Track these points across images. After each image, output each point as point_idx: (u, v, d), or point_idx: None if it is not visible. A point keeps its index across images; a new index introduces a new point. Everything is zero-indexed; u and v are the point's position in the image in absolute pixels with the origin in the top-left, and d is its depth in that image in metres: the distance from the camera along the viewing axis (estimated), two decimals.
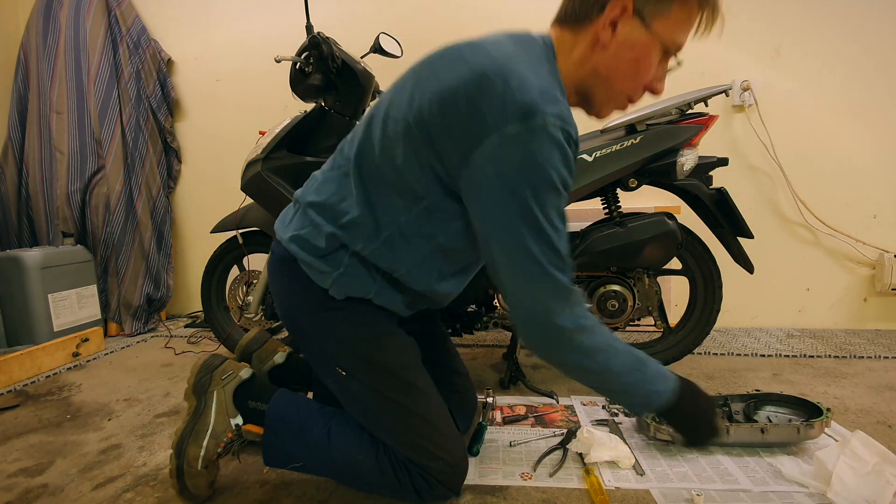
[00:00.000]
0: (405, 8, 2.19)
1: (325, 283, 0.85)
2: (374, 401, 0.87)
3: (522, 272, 0.72)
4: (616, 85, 0.76)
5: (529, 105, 0.64)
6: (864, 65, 1.91)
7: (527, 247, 0.69)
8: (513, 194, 0.67)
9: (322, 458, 0.91)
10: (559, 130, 0.66)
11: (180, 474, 0.92)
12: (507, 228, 0.70)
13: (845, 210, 1.96)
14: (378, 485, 0.89)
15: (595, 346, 0.76)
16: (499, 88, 0.65)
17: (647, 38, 0.71)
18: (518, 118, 0.64)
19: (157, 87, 2.37)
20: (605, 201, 1.44)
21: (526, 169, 0.66)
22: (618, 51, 0.72)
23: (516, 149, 0.65)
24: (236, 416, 0.98)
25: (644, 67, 0.74)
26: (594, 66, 0.75)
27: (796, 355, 1.72)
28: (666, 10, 0.70)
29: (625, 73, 0.74)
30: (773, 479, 0.95)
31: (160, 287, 2.37)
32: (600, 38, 0.72)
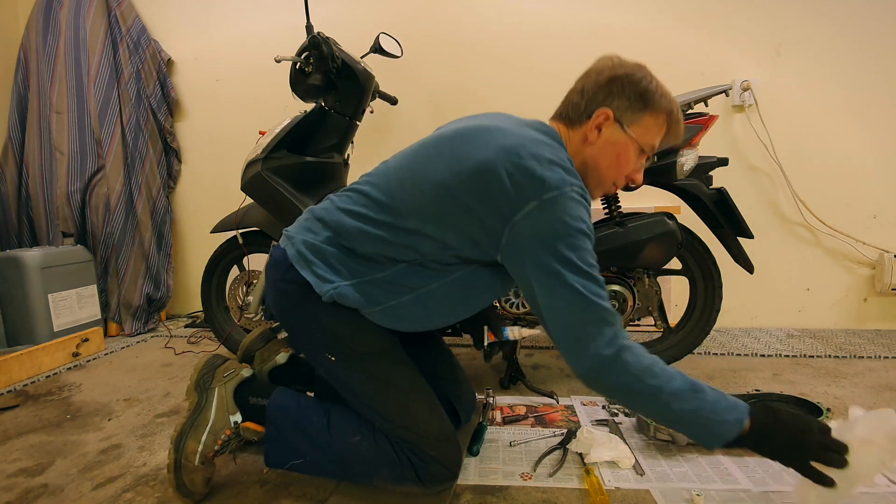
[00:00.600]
0: (405, 8, 2.19)
1: (321, 289, 0.90)
2: (363, 382, 0.94)
3: (567, 305, 0.79)
4: (602, 173, 0.92)
5: (559, 179, 0.79)
6: (864, 65, 1.91)
7: (567, 282, 0.78)
8: (550, 245, 0.79)
9: (323, 447, 0.93)
10: (580, 195, 0.81)
11: (178, 469, 0.93)
12: (550, 272, 0.79)
13: (845, 210, 1.96)
14: (378, 464, 0.91)
15: (643, 367, 0.77)
16: (535, 166, 0.80)
17: (625, 139, 0.89)
18: (552, 188, 0.78)
19: (157, 87, 2.37)
20: (605, 201, 1.44)
21: (560, 223, 0.79)
22: (603, 147, 0.90)
23: (552, 210, 0.78)
24: (236, 414, 1.00)
25: (624, 161, 0.91)
26: (584, 157, 0.91)
27: (796, 355, 1.72)
28: (639, 119, 0.89)
29: (609, 165, 0.92)
30: (773, 479, 0.95)
31: (160, 287, 2.37)
32: (588, 137, 0.90)
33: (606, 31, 2.03)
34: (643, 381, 0.77)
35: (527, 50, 2.09)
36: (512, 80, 2.11)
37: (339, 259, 0.92)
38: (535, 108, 2.10)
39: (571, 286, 0.78)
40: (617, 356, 0.77)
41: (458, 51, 2.15)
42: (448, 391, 1.09)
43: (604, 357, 0.77)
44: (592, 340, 0.78)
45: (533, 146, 0.82)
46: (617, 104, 0.88)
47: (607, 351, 0.77)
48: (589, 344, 0.78)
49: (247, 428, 0.99)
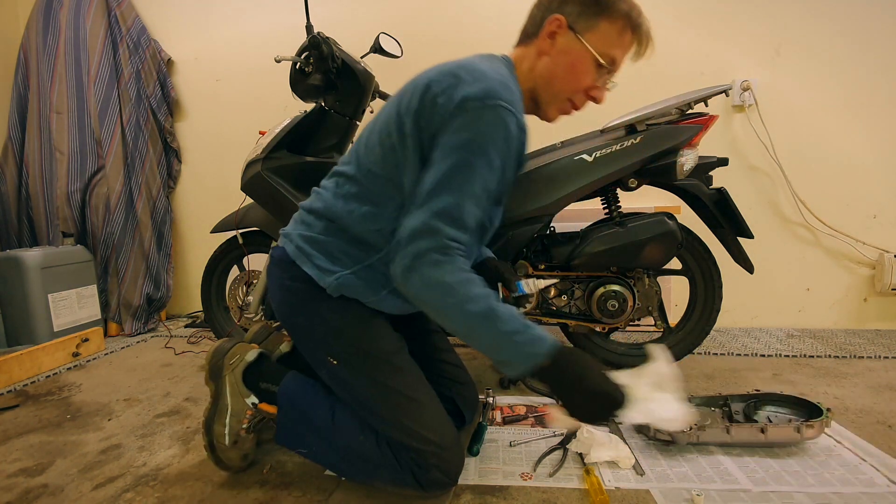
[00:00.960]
0: (405, 8, 2.19)
1: (324, 281, 0.90)
2: (365, 387, 0.93)
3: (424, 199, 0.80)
4: (555, 85, 0.90)
5: (489, 90, 0.79)
6: (864, 65, 1.91)
7: (445, 180, 0.79)
8: (456, 146, 0.79)
9: (327, 440, 0.94)
10: (511, 116, 0.80)
11: (212, 449, 1.01)
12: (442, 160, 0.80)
13: (845, 210, 1.96)
14: (379, 466, 0.91)
15: (446, 283, 0.78)
16: (468, 80, 0.80)
17: (579, 48, 0.86)
18: (480, 97, 0.78)
19: (157, 87, 2.37)
20: (605, 201, 1.44)
21: (475, 132, 0.78)
22: (556, 57, 0.88)
23: (471, 119, 0.78)
24: (250, 396, 1.04)
25: (579, 73, 0.88)
26: (539, 71, 0.90)
27: (796, 355, 1.72)
28: (594, 25, 0.86)
29: (562, 76, 0.89)
30: (773, 479, 0.95)
31: (160, 287, 2.37)
32: (542, 48, 0.88)
33: None
34: (440, 295, 0.79)
35: None
36: None
37: (339, 247, 0.92)
38: None
39: (439, 187, 0.79)
40: (418, 266, 0.78)
41: (458, 51, 2.12)
42: (454, 392, 1.09)
43: (403, 263, 0.79)
44: (415, 245, 0.78)
45: (468, 64, 0.83)
46: (570, 9, 0.86)
47: (413, 261, 0.78)
48: (411, 245, 0.79)
49: (263, 409, 1.02)
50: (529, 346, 0.77)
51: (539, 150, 1.47)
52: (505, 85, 0.82)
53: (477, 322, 0.78)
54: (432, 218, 0.79)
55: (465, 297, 0.78)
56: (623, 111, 1.37)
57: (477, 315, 0.78)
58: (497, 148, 0.80)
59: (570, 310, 1.45)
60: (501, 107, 0.79)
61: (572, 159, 1.32)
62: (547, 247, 1.42)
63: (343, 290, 0.91)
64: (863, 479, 0.95)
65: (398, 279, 0.82)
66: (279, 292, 0.99)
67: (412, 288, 0.81)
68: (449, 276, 0.78)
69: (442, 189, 0.80)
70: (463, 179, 0.80)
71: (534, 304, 1.44)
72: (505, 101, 0.79)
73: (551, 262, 1.41)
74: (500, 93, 0.80)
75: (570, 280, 1.44)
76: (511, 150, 0.83)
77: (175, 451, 1.17)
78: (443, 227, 0.79)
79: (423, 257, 0.78)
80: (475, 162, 0.80)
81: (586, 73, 0.89)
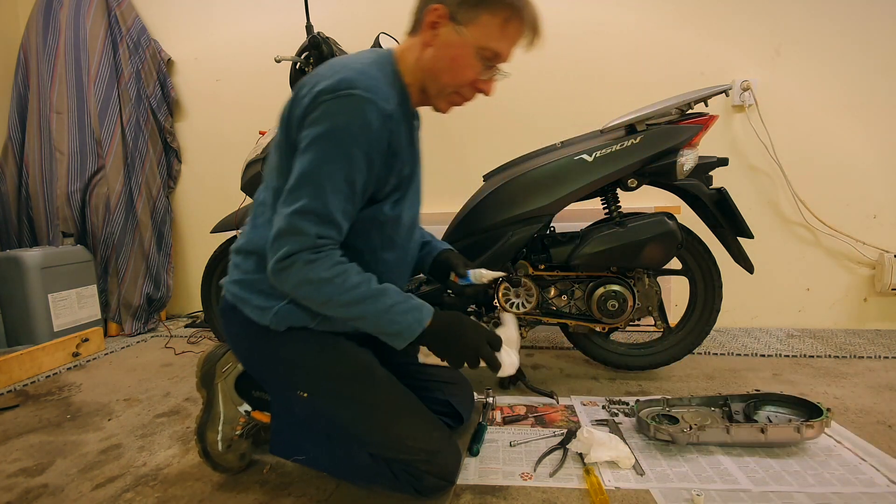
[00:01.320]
0: (405, 8, 2.19)
1: (265, 319, 0.89)
2: (341, 412, 0.90)
3: (287, 200, 0.80)
4: (440, 79, 0.88)
5: (347, 80, 0.78)
6: (864, 65, 1.91)
7: (303, 175, 0.79)
8: (312, 142, 0.79)
9: (323, 449, 0.93)
10: (369, 103, 0.78)
11: (207, 455, 1.01)
12: (301, 160, 0.80)
13: (845, 210, 1.96)
14: (377, 476, 0.90)
15: (322, 278, 0.80)
16: (327, 74, 0.81)
17: (461, 41, 0.84)
18: (333, 89, 0.78)
19: (157, 87, 2.37)
20: (605, 201, 1.44)
21: (329, 124, 0.78)
22: (439, 50, 0.86)
23: (327, 111, 0.78)
24: (242, 404, 1.04)
25: (462, 66, 0.86)
26: (424, 63, 0.88)
27: (796, 355, 1.72)
28: (475, 18, 0.83)
29: (446, 69, 0.87)
30: (773, 479, 0.95)
31: (160, 287, 2.37)
32: (425, 39, 0.86)
33: (606, 30, 2.03)
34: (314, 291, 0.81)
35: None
36: (511, 79, 2.10)
37: (268, 281, 0.89)
38: (535, 107, 2.11)
39: (299, 186, 0.79)
40: (290, 267, 0.79)
41: None
42: (447, 393, 1.09)
43: (276, 266, 0.80)
44: (282, 247, 0.79)
45: (336, 60, 0.84)
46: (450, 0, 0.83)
47: (283, 263, 0.79)
48: (280, 248, 0.79)
49: (256, 418, 1.02)
50: (413, 314, 0.84)
51: (539, 150, 1.47)
52: (364, 73, 0.81)
53: (361, 306, 0.82)
54: (296, 218, 0.79)
55: (343, 287, 0.80)
56: (623, 111, 1.37)
57: (359, 300, 0.81)
58: (354, 138, 0.79)
59: (570, 310, 1.45)
60: (355, 96, 0.78)
61: (572, 159, 1.32)
62: (547, 247, 1.42)
63: (286, 322, 0.89)
64: (863, 479, 0.95)
65: (273, 280, 0.83)
66: (232, 343, 0.98)
67: (288, 287, 0.82)
68: (324, 272, 0.80)
69: (301, 186, 0.79)
70: (322, 174, 0.79)
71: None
72: (360, 90, 0.78)
73: (551, 262, 1.41)
74: (354, 82, 0.78)
75: (570, 280, 1.44)
76: (374, 138, 0.80)
77: (175, 451, 1.17)
78: (308, 227, 0.79)
79: (294, 258, 0.79)
80: (332, 154, 0.78)
81: (469, 67, 0.86)
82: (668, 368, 1.60)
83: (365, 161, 0.81)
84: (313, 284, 0.80)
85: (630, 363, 1.53)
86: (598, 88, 2.05)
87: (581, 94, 2.06)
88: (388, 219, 0.92)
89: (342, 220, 0.82)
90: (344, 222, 0.83)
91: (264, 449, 1.13)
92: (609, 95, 2.03)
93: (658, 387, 1.46)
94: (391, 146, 0.85)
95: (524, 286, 1.43)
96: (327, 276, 0.80)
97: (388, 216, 0.91)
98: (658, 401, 1.20)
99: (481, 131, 2.16)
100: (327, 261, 0.80)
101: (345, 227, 0.84)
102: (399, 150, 0.87)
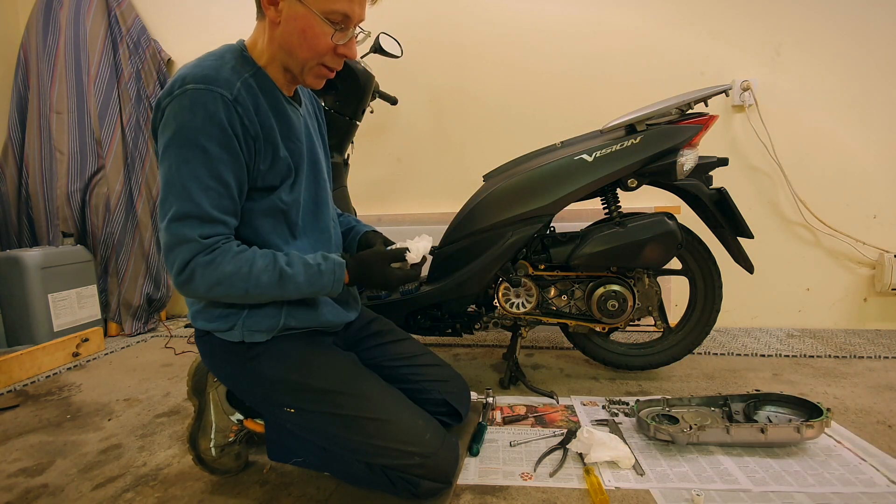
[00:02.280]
0: (405, 8, 2.19)
1: (236, 336, 0.90)
2: (329, 424, 0.89)
3: (160, 211, 0.81)
4: (297, 55, 0.86)
5: (180, 78, 0.79)
6: (864, 65, 1.91)
7: (166, 187, 0.80)
8: (165, 147, 0.80)
9: (320, 456, 0.94)
10: (206, 92, 0.78)
11: (202, 461, 1.01)
12: (161, 174, 0.81)
13: (845, 210, 1.96)
14: (374, 483, 0.90)
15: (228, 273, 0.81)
16: (171, 81, 0.81)
17: (303, 11, 0.81)
18: (169, 91, 0.79)
19: (157, 87, 2.37)
20: (605, 201, 1.44)
21: (174, 125, 0.78)
22: (286, 25, 0.83)
23: (169, 115, 0.79)
24: (234, 413, 1.04)
25: (312, 37, 0.83)
26: (278, 42, 0.86)
27: (796, 355, 1.72)
28: None
29: (299, 44, 0.84)
30: (773, 479, 0.95)
31: (160, 287, 2.37)
32: (271, 17, 0.84)
33: (606, 30, 2.03)
34: (229, 287, 0.81)
35: (526, 50, 2.09)
36: (511, 80, 2.11)
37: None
38: (534, 107, 2.11)
39: (166, 195, 0.79)
40: (192, 276, 0.80)
41: (458, 51, 2.14)
42: (442, 391, 1.09)
43: (179, 280, 0.80)
44: (175, 260, 0.79)
45: (184, 65, 0.83)
46: None
47: (183, 275, 0.80)
48: (174, 262, 0.80)
49: (248, 426, 1.01)
50: (328, 276, 0.88)
51: (539, 150, 1.47)
52: (197, 66, 0.80)
53: (280, 287, 0.84)
54: (174, 226, 0.78)
55: (252, 275, 0.81)
56: (623, 111, 1.37)
57: (276, 282, 0.83)
58: (205, 132, 0.78)
59: (570, 310, 1.45)
60: (189, 90, 0.77)
61: (572, 159, 1.32)
62: (547, 247, 1.42)
63: (256, 328, 0.90)
64: (863, 479, 0.95)
65: (185, 294, 0.84)
66: (214, 368, 0.98)
67: (200, 294, 0.82)
68: (227, 267, 0.80)
69: (168, 195, 0.79)
70: (183, 176, 0.78)
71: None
72: (193, 83, 0.78)
73: (551, 262, 1.41)
74: (185, 78, 0.78)
75: (570, 280, 1.44)
76: (225, 126, 0.79)
77: (175, 451, 1.17)
78: (189, 231, 0.78)
79: (190, 265, 0.79)
80: (186, 155, 0.78)
81: (322, 36, 0.83)
82: (668, 368, 1.60)
83: (224, 151, 0.80)
84: (223, 283, 0.80)
85: (630, 363, 1.53)
86: (598, 88, 2.05)
87: (581, 94, 2.06)
88: (289, 205, 0.91)
89: (223, 216, 0.82)
90: (227, 217, 0.83)
91: (263, 449, 1.13)
92: (609, 95, 2.03)
93: (658, 387, 1.46)
94: (250, 131, 0.83)
95: (524, 286, 1.43)
96: (232, 269, 0.80)
97: (287, 202, 0.91)
98: (658, 401, 1.20)
99: (481, 131, 2.16)
100: (225, 255, 0.80)
101: (230, 221, 0.84)
102: (261, 135, 0.85)
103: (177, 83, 0.79)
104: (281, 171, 0.89)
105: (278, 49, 0.87)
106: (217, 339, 0.92)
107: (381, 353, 1.09)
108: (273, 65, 0.90)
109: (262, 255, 0.84)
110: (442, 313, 1.50)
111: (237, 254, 0.82)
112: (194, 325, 0.95)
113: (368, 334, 1.13)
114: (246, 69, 0.86)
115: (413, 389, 1.04)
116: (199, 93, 0.77)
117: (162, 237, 0.81)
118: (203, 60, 0.83)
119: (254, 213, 0.88)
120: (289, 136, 0.91)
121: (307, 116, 1.00)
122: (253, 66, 0.88)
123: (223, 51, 0.88)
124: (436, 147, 2.21)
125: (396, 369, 1.07)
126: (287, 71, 0.90)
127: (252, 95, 0.84)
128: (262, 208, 0.89)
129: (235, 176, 0.83)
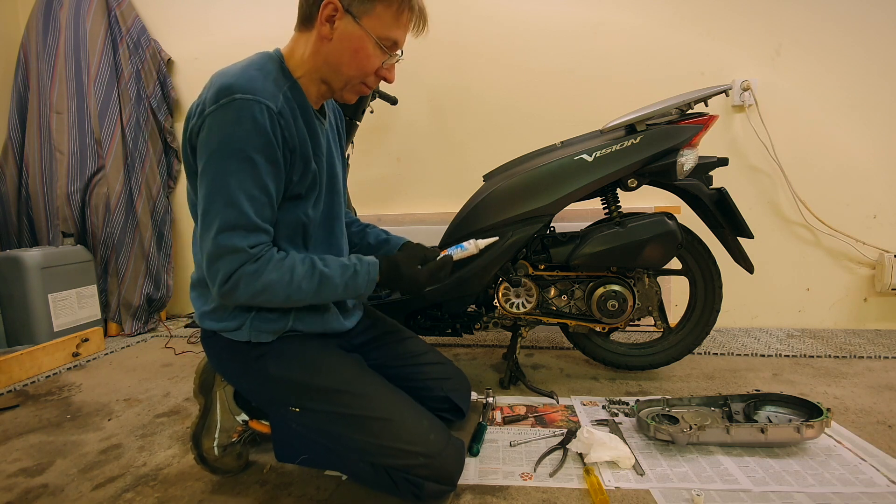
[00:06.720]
0: None
1: (244, 336, 0.91)
2: (334, 424, 0.89)
3: (202, 228, 0.82)
4: (343, 72, 0.89)
5: (226, 87, 0.79)
6: (864, 65, 1.91)
7: (211, 201, 0.80)
8: (208, 159, 0.79)
9: (326, 456, 0.93)
10: (253, 103, 0.78)
11: (203, 461, 1.01)
12: (203, 185, 0.81)
13: (845, 210, 1.96)
14: (378, 484, 0.90)
15: (272, 281, 0.83)
16: (207, 88, 0.82)
17: (359, 33, 0.85)
18: (215, 99, 0.79)
19: (157, 87, 2.37)
20: (605, 201, 1.44)
21: (214, 137, 0.78)
22: (339, 43, 0.86)
23: (213, 124, 0.78)
24: (240, 414, 1.04)
25: (363, 58, 0.87)
26: (324, 56, 0.88)
27: (796, 355, 1.72)
28: (370, 9, 0.85)
29: (348, 63, 0.88)
30: (773, 479, 0.95)
31: (160, 287, 2.37)
32: (323, 33, 0.86)
33: (606, 30, 2.03)
34: (272, 295, 0.84)
35: (526, 50, 2.09)
36: (511, 80, 2.11)
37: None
38: (534, 107, 2.11)
39: (210, 205, 0.79)
40: (236, 286, 0.81)
41: (459, 51, 2.14)
42: (445, 389, 1.09)
43: (222, 290, 0.81)
44: (219, 270, 0.80)
45: (215, 75, 0.83)
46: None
47: (227, 286, 0.81)
48: (217, 272, 0.80)
49: (254, 427, 1.01)
50: (363, 277, 0.91)
51: (539, 150, 1.47)
52: (241, 76, 0.80)
53: (320, 293, 0.87)
54: (221, 237, 0.79)
55: (294, 282, 0.84)
56: (623, 111, 1.37)
57: (316, 289, 0.86)
58: (250, 142, 0.78)
59: (570, 310, 1.45)
60: (238, 100, 0.78)
61: (572, 159, 1.32)
62: (547, 247, 1.42)
63: (264, 328, 0.91)
64: (863, 479, 0.95)
65: (224, 301, 0.85)
66: (220, 368, 0.99)
67: (239, 301, 0.83)
68: (272, 275, 0.82)
69: (213, 205, 0.79)
70: (229, 187, 0.79)
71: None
72: (241, 92, 0.78)
73: (551, 262, 1.41)
74: (232, 87, 0.78)
75: (570, 280, 1.44)
76: (270, 138, 0.80)
77: (175, 451, 1.17)
78: (237, 242, 0.79)
79: (235, 276, 0.80)
80: (233, 166, 0.78)
81: (371, 58, 0.88)
82: (668, 368, 1.60)
83: (269, 162, 0.81)
84: (267, 291, 0.82)
85: (630, 363, 1.53)
86: (599, 88, 2.05)
87: (581, 94, 2.06)
88: (311, 219, 0.93)
89: (266, 224, 0.83)
90: (268, 225, 0.84)
91: (263, 449, 1.14)
92: (609, 95, 2.03)
93: (658, 387, 1.46)
94: (289, 144, 0.85)
95: (524, 286, 1.43)
96: (275, 277, 0.82)
97: (310, 217, 0.93)
98: (658, 401, 1.20)
99: (481, 131, 2.16)
100: (269, 264, 0.82)
101: (270, 229, 0.85)
102: (298, 148, 0.87)
103: (223, 92, 0.78)
104: (307, 184, 0.91)
105: (323, 63, 0.89)
106: (223, 339, 0.92)
107: (385, 354, 1.10)
108: (310, 77, 0.91)
109: (301, 260, 0.86)
110: (442, 313, 1.50)
111: (279, 261, 0.83)
112: (201, 325, 0.95)
113: (373, 336, 1.13)
114: (285, 81, 0.88)
115: (417, 388, 1.04)
116: (247, 103, 0.78)
117: (206, 247, 0.81)
118: (247, 70, 0.83)
119: (277, 224, 0.89)
120: (316, 152, 0.93)
121: (329, 129, 1.02)
122: (290, 78, 0.89)
123: (263, 60, 0.88)
124: (436, 147, 2.21)
125: (400, 369, 1.08)
126: (324, 83, 0.92)
127: (291, 108, 0.86)
128: (287, 220, 0.90)
129: (276, 186, 0.84)
